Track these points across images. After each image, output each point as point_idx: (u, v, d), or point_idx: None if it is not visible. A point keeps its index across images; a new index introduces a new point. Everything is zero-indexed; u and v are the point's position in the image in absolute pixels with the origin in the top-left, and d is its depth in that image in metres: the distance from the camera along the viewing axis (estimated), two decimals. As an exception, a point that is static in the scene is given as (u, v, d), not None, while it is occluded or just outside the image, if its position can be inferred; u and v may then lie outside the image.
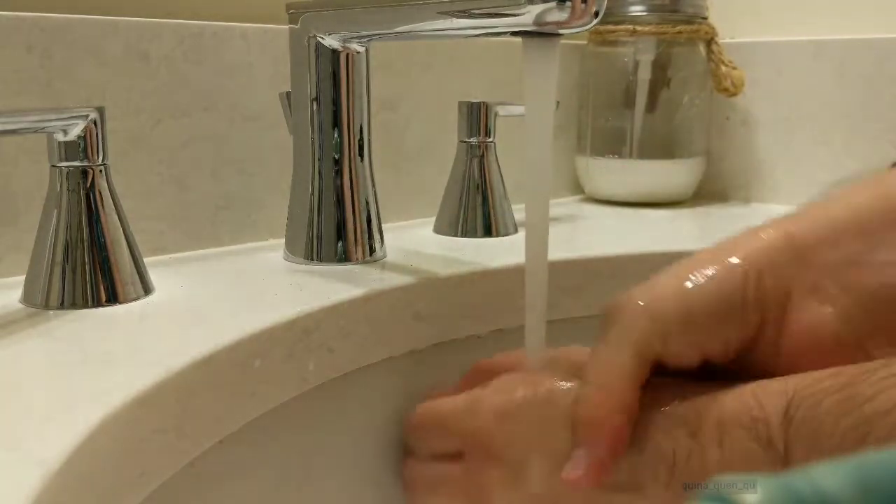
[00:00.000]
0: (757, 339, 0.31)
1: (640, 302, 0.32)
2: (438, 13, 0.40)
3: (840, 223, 0.31)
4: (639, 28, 0.74)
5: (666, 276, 0.32)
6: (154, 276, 0.44)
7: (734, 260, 0.31)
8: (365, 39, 0.47)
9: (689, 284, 0.31)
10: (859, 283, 0.30)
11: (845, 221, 0.31)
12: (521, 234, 0.60)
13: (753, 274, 0.31)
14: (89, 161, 0.40)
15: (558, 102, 0.71)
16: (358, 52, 0.48)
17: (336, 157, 0.49)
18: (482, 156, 0.60)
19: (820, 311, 0.30)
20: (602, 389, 0.31)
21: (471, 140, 0.60)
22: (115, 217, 0.41)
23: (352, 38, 0.47)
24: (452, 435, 0.39)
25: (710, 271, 0.31)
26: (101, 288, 0.40)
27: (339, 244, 0.50)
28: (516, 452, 0.35)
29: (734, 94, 0.75)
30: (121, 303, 0.40)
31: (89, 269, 0.40)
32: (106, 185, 0.41)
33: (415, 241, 0.57)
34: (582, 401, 0.32)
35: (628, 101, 0.78)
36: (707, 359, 0.31)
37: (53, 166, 0.40)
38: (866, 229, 0.30)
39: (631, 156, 0.77)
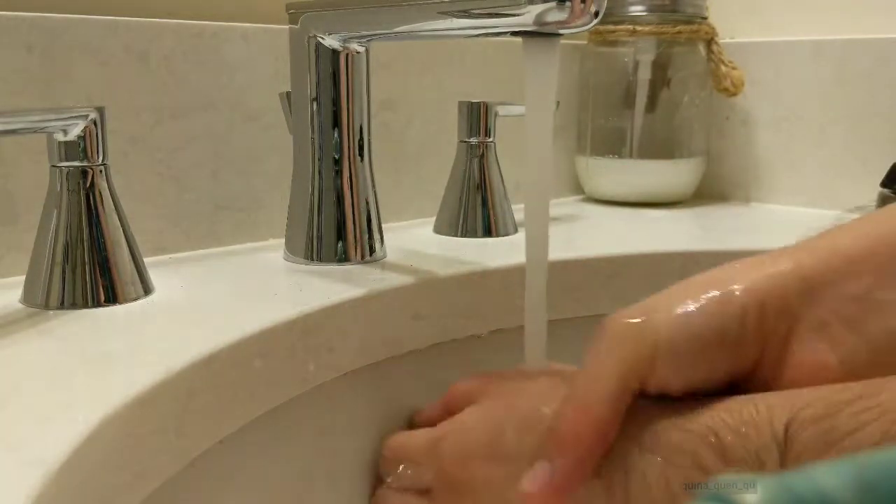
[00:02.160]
0: (752, 372, 0.30)
1: (630, 322, 0.31)
2: (438, 13, 0.40)
3: (854, 257, 0.30)
4: (639, 28, 0.74)
5: (661, 298, 0.31)
6: (154, 276, 0.44)
7: (736, 289, 0.30)
8: (365, 39, 0.47)
9: (683, 310, 0.30)
10: (866, 323, 0.29)
11: (860, 254, 0.30)
12: (521, 234, 0.60)
13: (755, 306, 0.29)
14: (89, 161, 0.40)
15: (558, 102, 0.71)
16: (358, 52, 0.48)
17: (336, 157, 0.49)
18: (482, 156, 0.60)
19: (823, 350, 0.29)
20: (581, 408, 0.30)
21: (471, 140, 0.60)
22: (115, 217, 0.41)
23: (352, 38, 0.47)
24: (420, 471, 0.40)
25: (708, 298, 0.30)
26: (101, 288, 0.40)
27: (339, 244, 0.50)
28: (481, 493, 0.35)
29: (734, 94, 0.75)
30: (121, 303, 0.40)
31: (89, 269, 0.40)
32: (106, 185, 0.41)
33: (414, 241, 0.57)
34: (559, 417, 0.31)
35: (628, 101, 0.78)
36: (693, 388, 0.30)
37: (53, 166, 0.40)
38: (881, 265, 0.29)
39: (631, 156, 0.77)
